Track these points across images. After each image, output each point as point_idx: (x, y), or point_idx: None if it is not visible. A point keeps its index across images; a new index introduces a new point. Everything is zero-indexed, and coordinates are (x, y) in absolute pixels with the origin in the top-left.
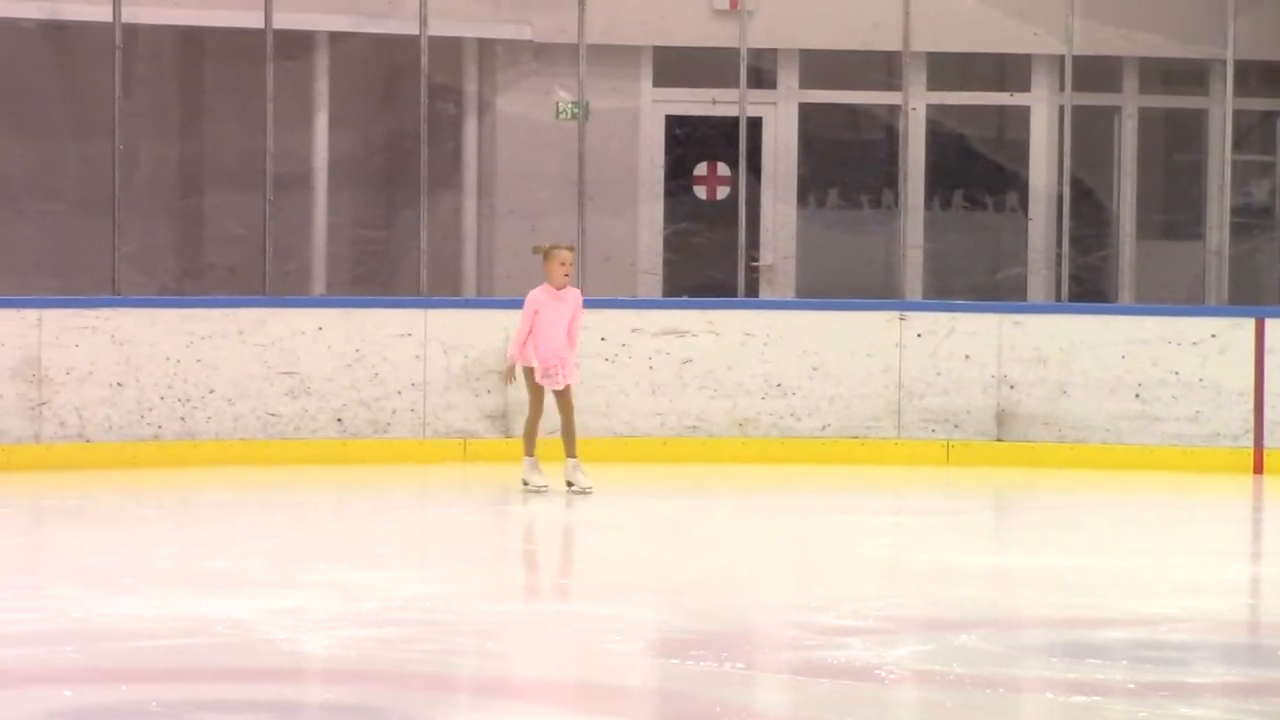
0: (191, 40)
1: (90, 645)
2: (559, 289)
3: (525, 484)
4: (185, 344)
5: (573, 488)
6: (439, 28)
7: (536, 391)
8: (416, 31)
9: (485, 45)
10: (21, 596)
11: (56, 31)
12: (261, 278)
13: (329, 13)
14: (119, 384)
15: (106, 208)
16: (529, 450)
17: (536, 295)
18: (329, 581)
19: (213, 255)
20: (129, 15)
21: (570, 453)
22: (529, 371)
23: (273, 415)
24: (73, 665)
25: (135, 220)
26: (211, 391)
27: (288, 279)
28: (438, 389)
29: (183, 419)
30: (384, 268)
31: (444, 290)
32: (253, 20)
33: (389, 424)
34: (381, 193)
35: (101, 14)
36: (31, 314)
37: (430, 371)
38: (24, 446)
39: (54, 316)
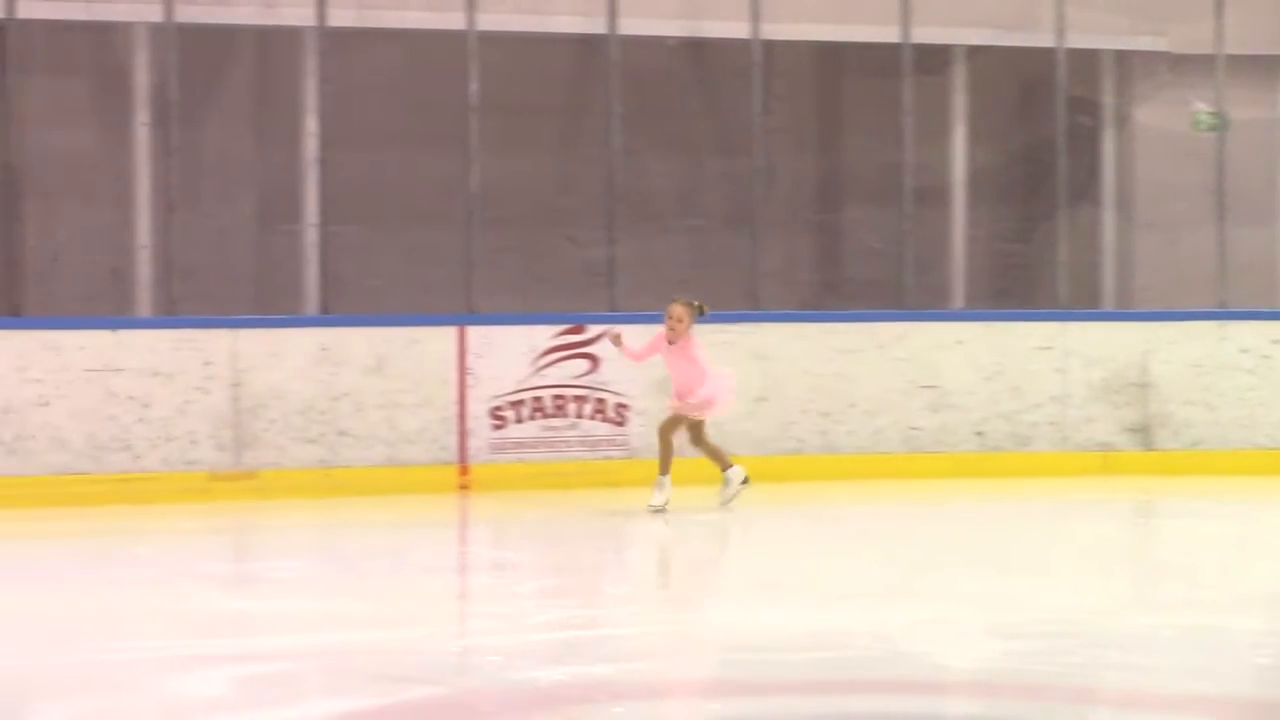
0: (829, 56)
1: (734, 657)
2: (670, 342)
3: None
4: (826, 358)
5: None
6: (1076, 40)
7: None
8: (1053, 44)
9: (1122, 57)
10: (666, 608)
11: (697, 49)
12: (900, 291)
13: (966, 27)
14: (761, 398)
15: (747, 223)
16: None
17: (659, 340)
18: (969, 593)
19: (852, 269)
20: (768, 32)
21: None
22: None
23: (914, 429)
24: (717, 678)
25: (775, 235)
26: (852, 405)
27: (926, 292)
28: (1078, 402)
29: (823, 433)
30: (1022, 280)
31: (1083, 303)
32: (890, 35)
33: (1029, 437)
34: (1019, 206)
35: (741, 31)
36: None
37: (1070, 384)
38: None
39: (696, 332)
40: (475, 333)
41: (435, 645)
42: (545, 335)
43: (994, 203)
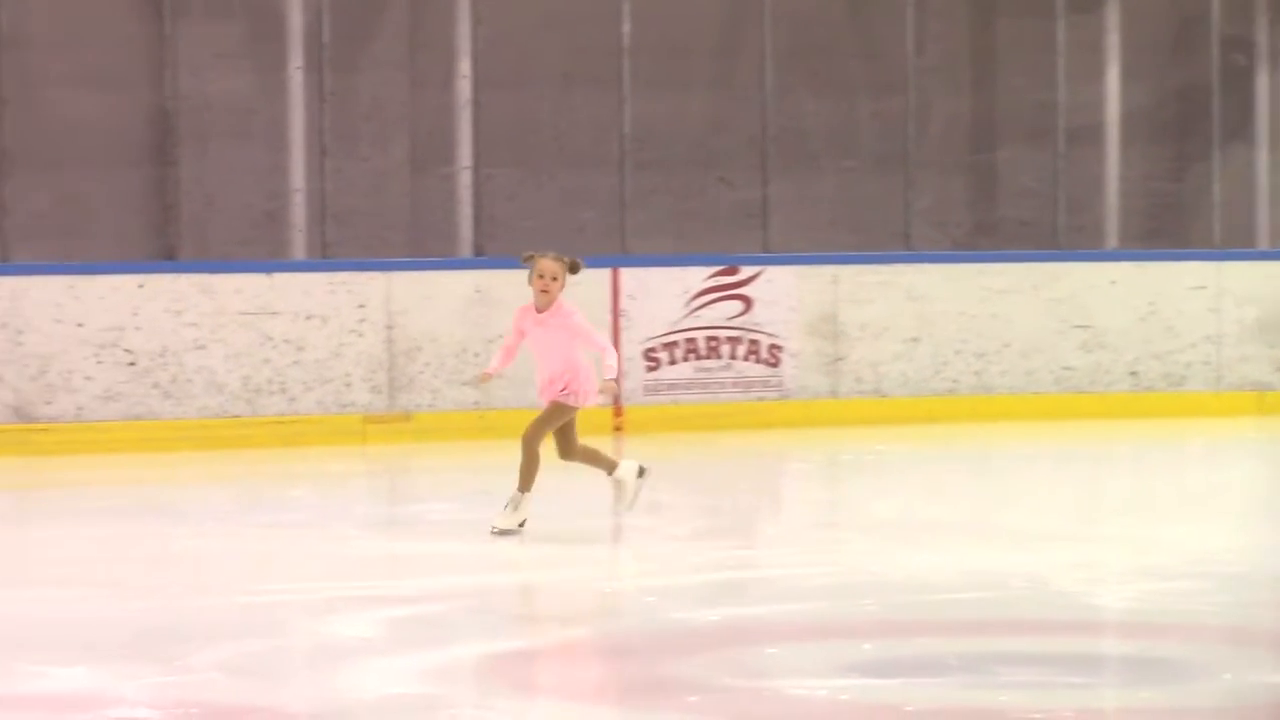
0: None
1: (888, 599)
2: (539, 310)
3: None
4: (979, 299)
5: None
6: None
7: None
8: None
9: None
10: (820, 549)
11: None
12: (1054, 232)
13: None
14: (914, 339)
15: (901, 164)
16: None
17: (520, 315)
18: (1123, 535)
19: (1005, 210)
20: None
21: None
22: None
23: (1067, 369)
24: (871, 619)
25: (929, 176)
26: (1006, 345)
27: (1080, 233)
28: (1232, 341)
29: (977, 373)
30: (1176, 220)
31: (1237, 242)
32: None
33: (1183, 377)
34: (1173, 145)
35: None
36: (828, 271)
37: (1224, 324)
38: (820, 402)
39: (850, 273)
40: (629, 275)
41: (587, 587)
42: (699, 277)
43: (1148, 142)
